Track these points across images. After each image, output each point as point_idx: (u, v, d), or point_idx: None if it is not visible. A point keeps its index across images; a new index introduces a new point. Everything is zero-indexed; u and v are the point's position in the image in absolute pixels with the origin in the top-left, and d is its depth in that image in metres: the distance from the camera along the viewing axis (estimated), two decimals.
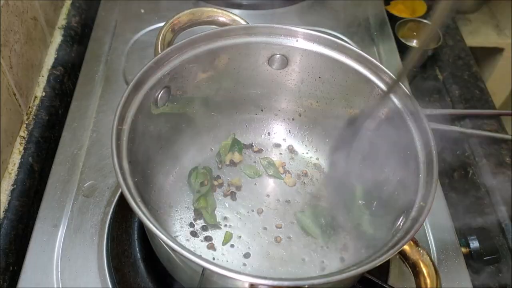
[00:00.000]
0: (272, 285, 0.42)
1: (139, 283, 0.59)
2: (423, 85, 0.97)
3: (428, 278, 0.47)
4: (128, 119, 0.52)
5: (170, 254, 0.53)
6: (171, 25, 0.63)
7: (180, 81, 0.61)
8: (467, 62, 1.02)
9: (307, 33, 0.62)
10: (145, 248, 0.62)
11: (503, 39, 1.36)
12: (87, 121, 0.77)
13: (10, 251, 0.63)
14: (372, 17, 1.00)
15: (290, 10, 1.00)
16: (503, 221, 0.76)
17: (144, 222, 0.44)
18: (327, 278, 0.43)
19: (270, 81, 0.67)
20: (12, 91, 0.70)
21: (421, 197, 0.50)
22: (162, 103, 0.59)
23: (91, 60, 0.87)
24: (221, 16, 0.65)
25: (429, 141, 0.54)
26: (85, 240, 0.64)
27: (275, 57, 0.64)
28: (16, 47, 0.71)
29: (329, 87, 0.65)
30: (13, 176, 0.68)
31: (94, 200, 0.68)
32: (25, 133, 0.73)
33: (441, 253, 0.66)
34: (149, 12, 0.96)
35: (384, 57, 0.92)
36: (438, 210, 0.70)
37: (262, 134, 0.72)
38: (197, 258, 0.42)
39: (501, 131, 0.89)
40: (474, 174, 0.83)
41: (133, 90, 0.54)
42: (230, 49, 0.62)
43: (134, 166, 0.50)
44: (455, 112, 0.92)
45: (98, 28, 0.93)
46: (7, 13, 0.69)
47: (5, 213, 0.65)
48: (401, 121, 0.57)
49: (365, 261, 0.45)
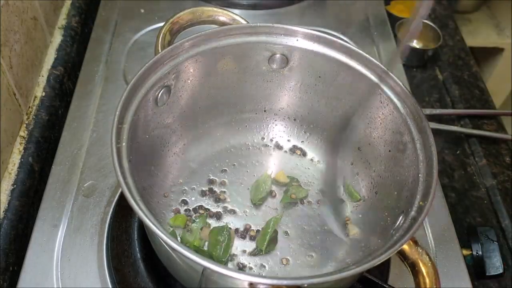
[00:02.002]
0: (271, 284, 0.42)
1: (139, 283, 0.59)
2: (423, 85, 0.97)
3: (427, 277, 0.47)
4: (128, 118, 0.52)
5: (170, 254, 0.53)
6: (171, 24, 0.63)
7: (180, 80, 0.61)
8: (467, 62, 1.02)
9: (307, 32, 0.62)
10: (145, 248, 0.62)
11: (503, 39, 1.36)
12: (87, 121, 0.77)
13: (10, 251, 0.63)
14: (372, 17, 1.00)
15: (290, 10, 1.00)
16: (503, 221, 0.76)
17: (144, 221, 0.44)
18: (326, 278, 0.43)
19: (270, 80, 0.67)
20: (12, 91, 0.70)
21: (421, 197, 0.50)
22: (162, 103, 0.59)
23: (91, 60, 0.87)
24: (221, 16, 0.65)
25: (429, 141, 0.54)
26: (85, 240, 0.64)
27: (275, 56, 0.64)
28: (16, 47, 0.71)
29: (329, 86, 0.65)
30: (13, 176, 0.69)
31: (94, 200, 0.68)
32: (25, 133, 0.73)
33: (440, 253, 0.66)
34: (149, 12, 0.96)
35: (384, 57, 0.92)
36: (438, 210, 0.70)
37: (262, 134, 0.72)
38: (198, 258, 0.42)
39: (501, 131, 0.89)
40: (474, 174, 0.83)
41: (133, 90, 0.54)
42: (230, 48, 0.62)
43: (134, 165, 0.50)
44: (455, 112, 0.92)
45: (98, 28, 0.93)
46: (7, 13, 0.69)
47: (5, 213, 0.65)
48: (401, 122, 0.57)
49: (364, 261, 0.45)
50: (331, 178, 0.69)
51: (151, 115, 0.58)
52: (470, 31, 1.35)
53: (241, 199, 0.66)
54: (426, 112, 0.88)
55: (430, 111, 0.89)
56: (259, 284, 0.42)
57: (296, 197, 0.66)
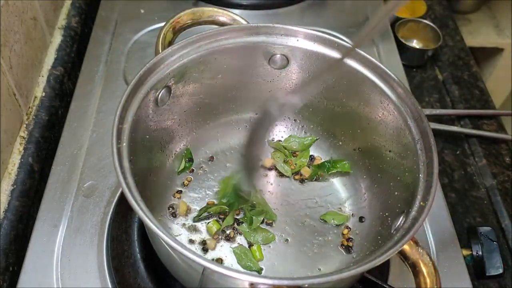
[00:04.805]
0: (272, 284, 0.42)
1: (139, 283, 0.59)
2: (423, 85, 0.97)
3: (428, 277, 0.48)
4: (129, 118, 0.52)
5: (170, 254, 0.53)
6: (171, 24, 0.63)
7: (180, 81, 0.61)
8: (467, 62, 1.02)
9: (307, 33, 0.62)
10: (145, 248, 0.62)
11: (503, 39, 1.36)
12: (87, 121, 0.77)
13: (10, 251, 0.63)
14: (372, 17, 1.00)
15: (290, 10, 1.00)
16: (503, 221, 0.76)
17: (145, 221, 0.44)
18: (326, 278, 0.43)
19: (271, 81, 0.67)
20: (12, 91, 0.70)
21: (421, 197, 0.50)
22: (162, 103, 0.59)
23: (91, 60, 0.87)
24: (221, 16, 0.65)
25: (429, 141, 0.54)
26: (85, 240, 0.64)
27: (276, 57, 0.64)
28: (16, 47, 0.71)
29: (329, 86, 0.65)
30: (13, 176, 0.68)
31: (94, 200, 0.68)
32: (25, 133, 0.73)
33: (440, 253, 0.66)
34: (149, 12, 0.96)
35: (384, 57, 0.92)
36: (438, 210, 0.70)
37: None
38: (198, 257, 0.42)
39: (501, 131, 0.89)
40: (474, 174, 0.83)
41: (134, 90, 0.54)
42: (231, 49, 0.62)
43: (134, 165, 0.50)
44: (455, 112, 0.92)
45: (98, 28, 0.93)
46: (7, 13, 0.69)
47: (5, 213, 0.65)
48: (401, 122, 0.57)
49: (364, 261, 0.45)
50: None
51: (152, 115, 0.58)
52: (470, 31, 1.35)
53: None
54: (426, 112, 0.88)
55: (430, 111, 0.89)
56: (260, 284, 0.42)
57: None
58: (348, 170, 0.67)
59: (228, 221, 0.62)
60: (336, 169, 0.68)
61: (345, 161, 0.68)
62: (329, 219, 0.64)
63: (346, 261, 0.61)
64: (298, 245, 0.62)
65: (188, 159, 0.67)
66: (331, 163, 0.68)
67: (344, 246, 0.62)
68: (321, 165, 0.69)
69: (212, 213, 0.63)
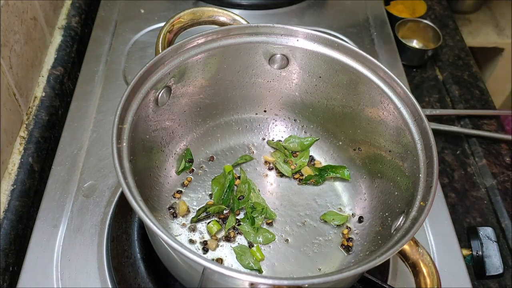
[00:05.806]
0: (272, 285, 0.42)
1: (139, 283, 0.59)
2: (423, 85, 0.97)
3: (428, 277, 0.48)
4: (129, 118, 0.52)
5: (170, 254, 0.53)
6: (171, 24, 0.63)
7: (180, 81, 0.61)
8: (467, 62, 1.02)
9: (307, 33, 0.62)
10: (145, 248, 0.62)
11: (503, 39, 1.36)
12: (87, 121, 0.77)
13: (10, 251, 0.63)
14: (372, 17, 1.00)
15: (290, 10, 1.00)
16: (503, 221, 0.76)
17: (145, 221, 0.44)
18: (326, 278, 0.43)
19: (271, 81, 0.67)
20: (12, 91, 0.70)
21: (421, 197, 0.50)
22: (162, 103, 0.59)
23: (91, 60, 0.87)
24: (221, 16, 0.65)
25: (429, 141, 0.54)
26: (85, 240, 0.64)
27: (276, 57, 0.64)
28: (16, 47, 0.71)
29: (329, 86, 0.65)
30: (13, 176, 0.68)
31: (94, 200, 0.68)
32: (25, 133, 0.73)
33: (441, 253, 0.66)
34: (149, 12, 0.96)
35: (384, 57, 0.92)
36: (438, 210, 0.70)
37: (262, 135, 0.72)
38: (198, 257, 0.42)
39: (501, 131, 0.89)
40: (474, 174, 0.83)
41: (134, 90, 0.54)
42: (231, 49, 0.62)
43: (134, 165, 0.50)
44: (455, 112, 0.92)
45: (98, 28, 0.93)
46: (7, 13, 0.69)
47: (5, 213, 0.65)
48: (401, 122, 0.57)
49: (364, 261, 0.45)
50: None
51: (152, 115, 0.58)
52: (470, 31, 1.36)
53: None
54: (426, 112, 0.88)
55: (430, 111, 0.89)
56: (260, 284, 0.42)
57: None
58: (347, 178, 0.67)
59: (230, 222, 0.62)
60: (335, 175, 0.67)
61: (345, 168, 0.67)
62: (329, 219, 0.64)
63: (346, 261, 0.61)
64: (298, 245, 0.62)
65: (188, 159, 0.67)
66: (331, 169, 0.68)
67: (344, 246, 0.62)
68: (322, 170, 0.68)
69: (211, 213, 0.63)
